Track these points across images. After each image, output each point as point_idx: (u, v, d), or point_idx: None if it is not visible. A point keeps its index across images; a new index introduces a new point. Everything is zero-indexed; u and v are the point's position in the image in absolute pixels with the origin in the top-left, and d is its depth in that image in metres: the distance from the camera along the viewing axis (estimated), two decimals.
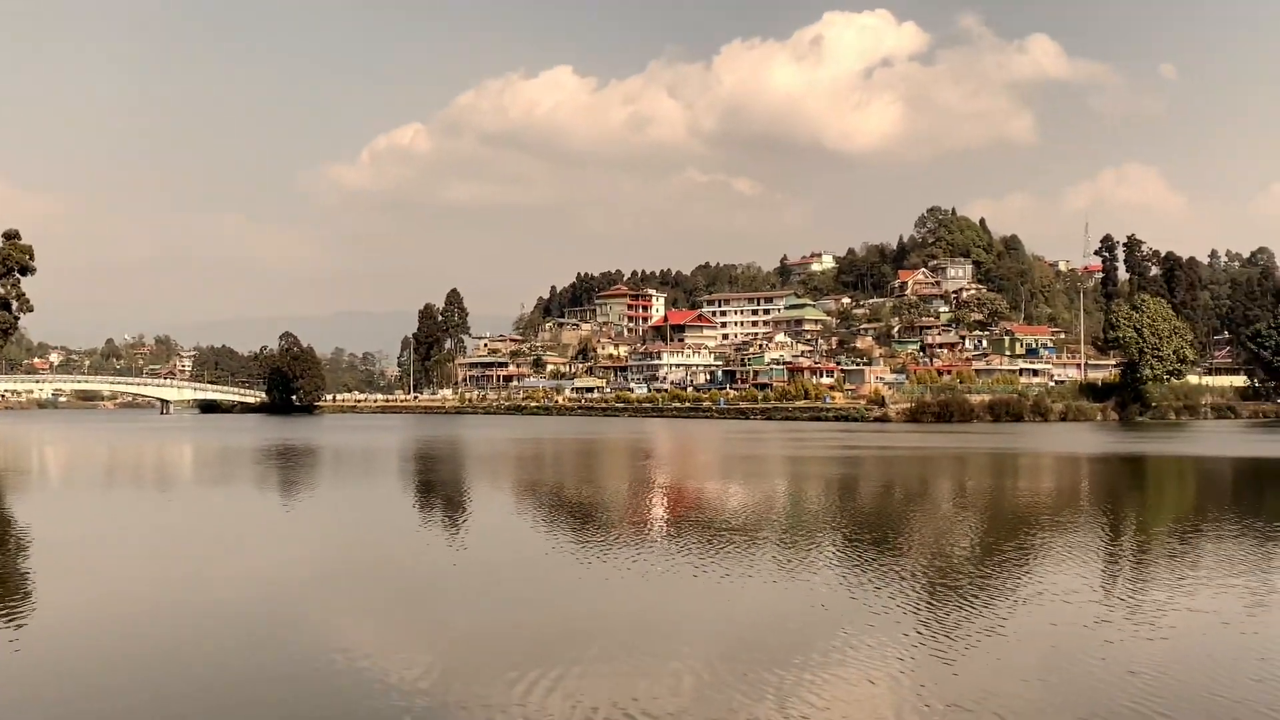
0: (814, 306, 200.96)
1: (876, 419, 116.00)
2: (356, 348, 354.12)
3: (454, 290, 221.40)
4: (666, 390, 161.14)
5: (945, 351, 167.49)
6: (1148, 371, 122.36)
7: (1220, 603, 17.82)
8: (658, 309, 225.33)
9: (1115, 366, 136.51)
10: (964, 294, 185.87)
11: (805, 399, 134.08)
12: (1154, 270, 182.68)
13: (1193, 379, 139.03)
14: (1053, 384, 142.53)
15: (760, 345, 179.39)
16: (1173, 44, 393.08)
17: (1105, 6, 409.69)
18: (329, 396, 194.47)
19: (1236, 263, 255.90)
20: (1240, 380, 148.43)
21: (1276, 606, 17.65)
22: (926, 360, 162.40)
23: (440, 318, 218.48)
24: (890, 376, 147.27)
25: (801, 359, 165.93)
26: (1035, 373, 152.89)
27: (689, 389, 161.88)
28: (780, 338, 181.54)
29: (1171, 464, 54.90)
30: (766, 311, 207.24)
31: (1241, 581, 19.62)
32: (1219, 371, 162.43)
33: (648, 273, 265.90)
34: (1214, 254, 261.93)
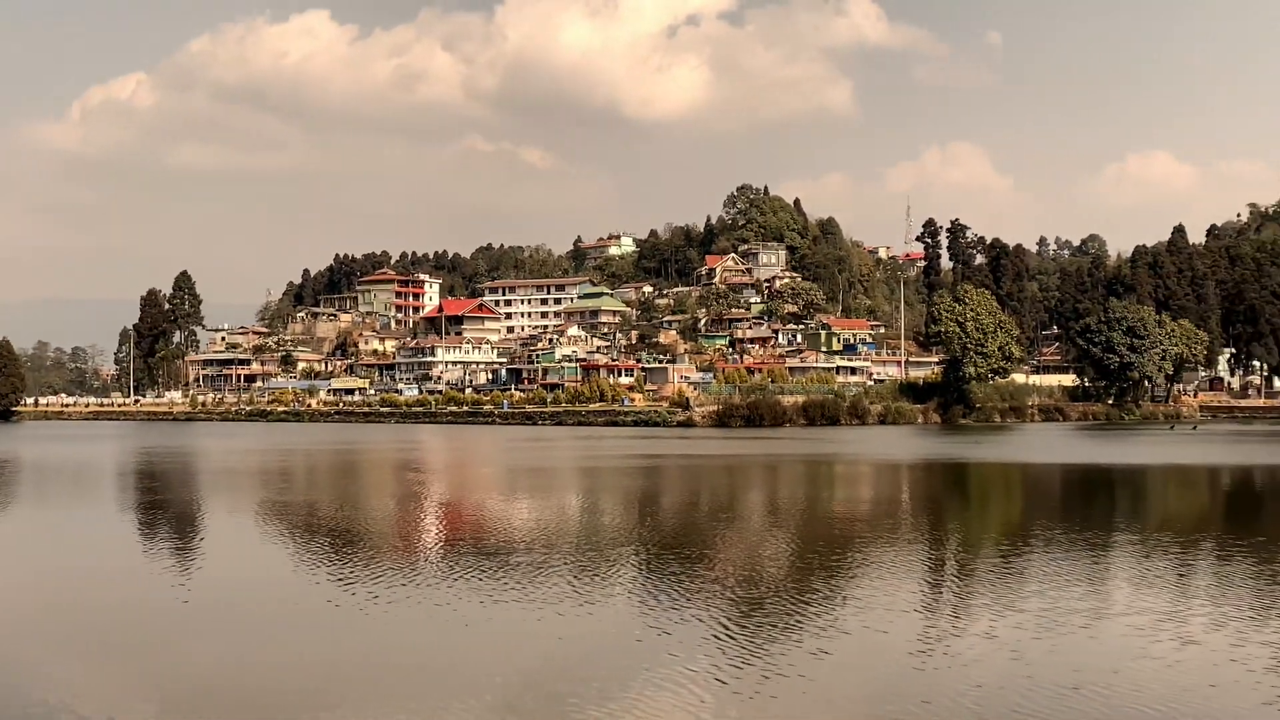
0: (612, 296, 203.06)
1: (680, 423, 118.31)
2: (65, 341, 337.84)
3: (184, 273, 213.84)
4: (441, 392, 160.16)
5: (756, 347, 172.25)
6: (971, 370, 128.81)
7: (1008, 625, 19.18)
8: (431, 298, 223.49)
9: (938, 364, 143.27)
10: (777, 283, 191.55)
11: (601, 401, 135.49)
12: (979, 258, 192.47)
13: (1019, 378, 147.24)
14: (871, 383, 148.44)
15: (550, 340, 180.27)
16: (999, 8, 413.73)
17: None
18: (29, 400, 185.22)
19: (1066, 251, 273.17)
20: (1069, 379, 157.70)
21: (1066, 631, 19.08)
22: (736, 357, 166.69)
23: (168, 306, 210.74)
24: (696, 375, 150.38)
25: (597, 355, 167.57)
26: (853, 371, 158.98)
27: (468, 390, 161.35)
28: (573, 331, 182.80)
29: (995, 471, 58.05)
30: (558, 301, 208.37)
31: (1035, 605, 21.03)
32: (1047, 370, 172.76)
33: (420, 255, 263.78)
34: (1043, 241, 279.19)
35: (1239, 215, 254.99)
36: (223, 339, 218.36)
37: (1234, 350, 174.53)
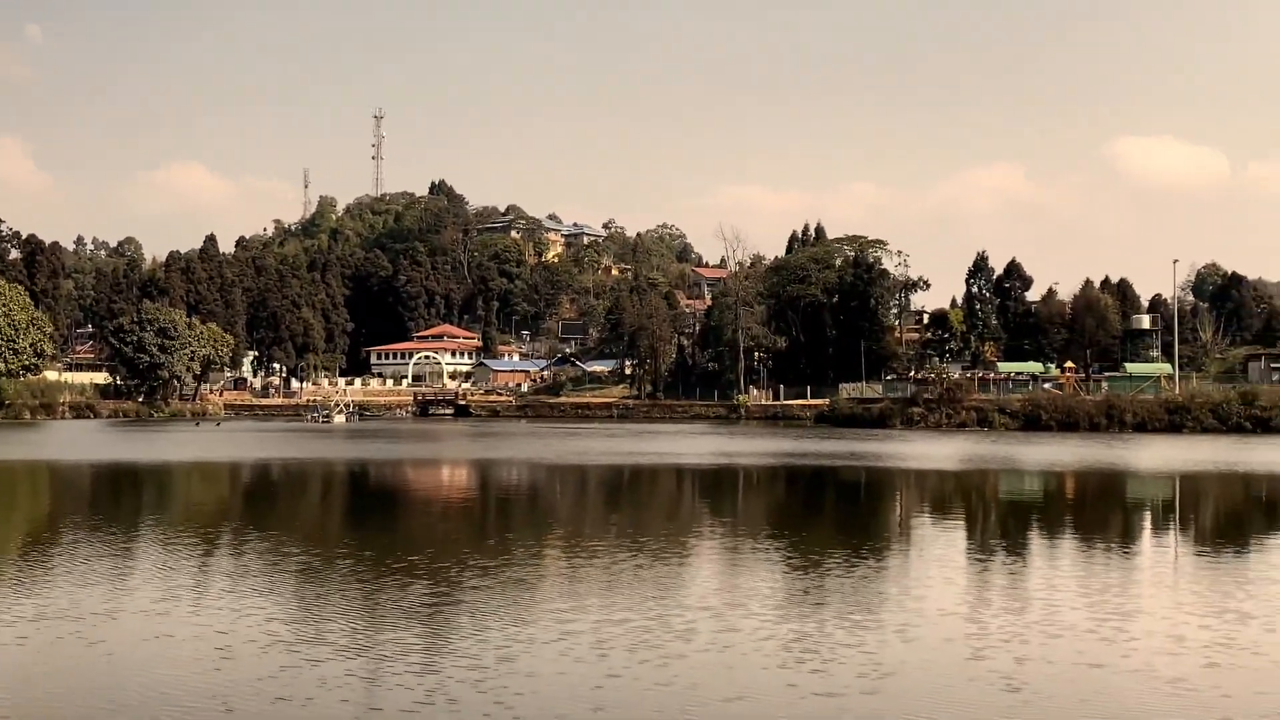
0: None
1: None
2: None
3: None
4: None
5: None
6: (2, 366, 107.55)
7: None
8: None
9: None
10: None
11: None
12: (15, 254, 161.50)
13: (52, 375, 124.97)
14: None
15: None
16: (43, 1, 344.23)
17: None
18: None
19: (104, 251, 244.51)
20: (102, 377, 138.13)
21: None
22: None
23: None
24: None
25: None
26: None
27: None
28: None
29: (23, 470, 46.03)
30: None
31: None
32: (81, 368, 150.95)
33: None
34: (81, 240, 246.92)
35: (266, 229, 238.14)
36: None
37: (258, 353, 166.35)
